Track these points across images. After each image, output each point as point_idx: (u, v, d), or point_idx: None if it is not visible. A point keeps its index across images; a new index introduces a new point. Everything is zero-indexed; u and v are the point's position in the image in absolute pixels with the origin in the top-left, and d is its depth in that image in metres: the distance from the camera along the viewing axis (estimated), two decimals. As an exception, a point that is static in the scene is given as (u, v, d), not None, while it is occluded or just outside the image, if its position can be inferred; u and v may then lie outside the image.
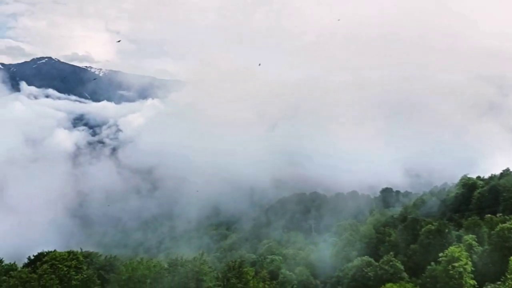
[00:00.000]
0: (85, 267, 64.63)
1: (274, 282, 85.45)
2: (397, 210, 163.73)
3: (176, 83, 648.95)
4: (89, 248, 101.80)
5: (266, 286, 67.74)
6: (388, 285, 70.92)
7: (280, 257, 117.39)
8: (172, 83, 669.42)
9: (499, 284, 63.35)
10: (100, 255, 78.41)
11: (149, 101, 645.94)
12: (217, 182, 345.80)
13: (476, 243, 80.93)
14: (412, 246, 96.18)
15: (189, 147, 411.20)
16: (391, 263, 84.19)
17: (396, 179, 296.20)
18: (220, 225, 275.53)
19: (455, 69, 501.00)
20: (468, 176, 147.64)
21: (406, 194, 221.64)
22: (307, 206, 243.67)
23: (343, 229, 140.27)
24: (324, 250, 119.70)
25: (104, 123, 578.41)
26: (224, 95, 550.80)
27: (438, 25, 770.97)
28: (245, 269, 66.46)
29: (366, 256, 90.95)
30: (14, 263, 70.59)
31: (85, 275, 61.01)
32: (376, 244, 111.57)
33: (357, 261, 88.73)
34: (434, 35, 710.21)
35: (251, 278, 64.83)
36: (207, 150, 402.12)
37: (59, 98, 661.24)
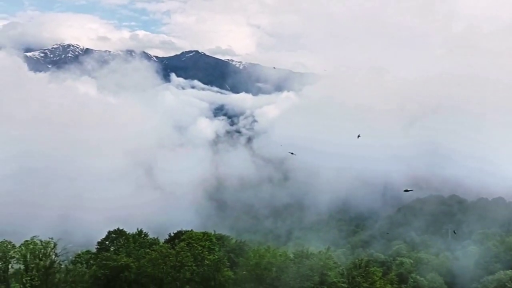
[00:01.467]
0: (217, 249, 69.16)
1: (403, 286, 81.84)
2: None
3: (311, 76, 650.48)
4: (223, 231, 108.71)
5: (394, 289, 65.25)
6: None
7: (411, 261, 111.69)
8: (307, 76, 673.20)
9: None
10: (232, 239, 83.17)
11: (284, 93, 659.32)
12: (349, 177, 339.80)
13: None
14: None
15: (322, 140, 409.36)
16: (540, 281, 74.81)
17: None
18: (350, 220, 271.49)
19: None
20: None
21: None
22: (445, 210, 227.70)
23: (486, 238, 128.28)
24: (462, 258, 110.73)
25: (241, 114, 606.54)
26: (360, 89, 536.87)
27: None
28: (372, 269, 64.83)
29: (510, 270, 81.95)
30: (157, 238, 78.64)
31: (216, 256, 65.24)
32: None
33: (499, 275, 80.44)
34: None
35: (378, 278, 63.04)
36: (340, 144, 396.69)
37: (203, 89, 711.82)
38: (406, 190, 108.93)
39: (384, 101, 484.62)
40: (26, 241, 63.67)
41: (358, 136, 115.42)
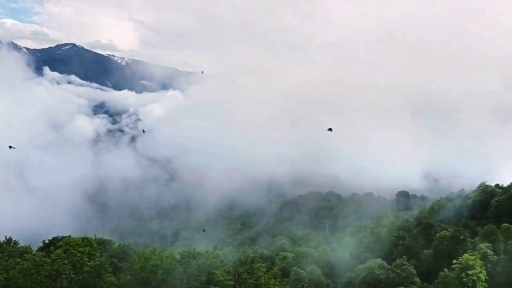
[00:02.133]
0: (98, 254, 65.61)
1: (286, 279, 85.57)
2: (412, 214, 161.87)
3: (198, 76, 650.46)
4: (105, 235, 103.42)
5: (277, 283, 67.74)
6: (400, 289, 70.52)
7: (293, 255, 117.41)
8: (193, 75, 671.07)
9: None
10: (114, 243, 79.46)
11: (170, 92, 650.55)
12: (235, 177, 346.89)
13: (492, 252, 79.58)
14: (425, 251, 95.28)
15: (208, 140, 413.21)
16: (403, 267, 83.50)
17: (414, 183, 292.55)
18: (236, 219, 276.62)
19: (480, 75, 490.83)
20: (487, 183, 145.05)
21: (423, 198, 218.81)
22: (323, 205, 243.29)
23: (358, 230, 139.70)
24: (337, 250, 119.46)
25: (124, 112, 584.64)
26: (245, 90, 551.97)
27: (464, 31, 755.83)
28: (257, 265, 66.55)
29: (378, 259, 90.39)
30: (29, 246, 72.07)
31: (97, 262, 61.87)
32: (390, 247, 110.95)
33: (369, 263, 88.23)
34: (461, 40, 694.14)
35: (262, 274, 64.89)
36: (226, 143, 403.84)
37: (81, 85, 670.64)
38: (329, 129, 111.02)
39: (269, 103, 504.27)
40: None
41: (330, 129, 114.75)
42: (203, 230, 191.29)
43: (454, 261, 70.66)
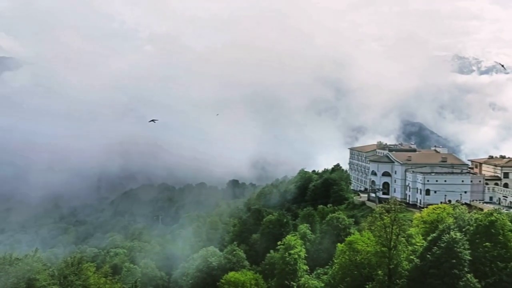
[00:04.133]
0: None
1: (117, 276, 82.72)
2: (243, 201, 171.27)
3: (12, 61, 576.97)
4: None
5: (108, 281, 65.23)
6: (231, 273, 73.92)
7: (125, 250, 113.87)
8: (7, 60, 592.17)
9: (327, 268, 70.78)
10: None
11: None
12: (61, 171, 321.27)
13: (310, 231, 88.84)
14: (254, 235, 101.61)
15: (26, 132, 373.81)
16: (234, 252, 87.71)
17: (244, 172, 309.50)
18: (62, 218, 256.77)
19: (301, 71, 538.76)
20: (305, 170, 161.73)
21: (252, 185, 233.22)
22: (155, 198, 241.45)
23: (191, 220, 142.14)
24: (172, 241, 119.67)
25: None
26: (67, 78, 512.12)
27: (290, 31, 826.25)
28: (85, 265, 63.04)
29: (211, 246, 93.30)
30: None
31: None
32: (222, 234, 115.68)
33: (202, 251, 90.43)
34: (287, 40, 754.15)
35: (91, 274, 61.76)
36: (50, 135, 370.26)
37: None
38: (152, 120, 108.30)
39: (94, 92, 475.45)
40: None
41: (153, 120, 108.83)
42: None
43: (279, 242, 77.05)
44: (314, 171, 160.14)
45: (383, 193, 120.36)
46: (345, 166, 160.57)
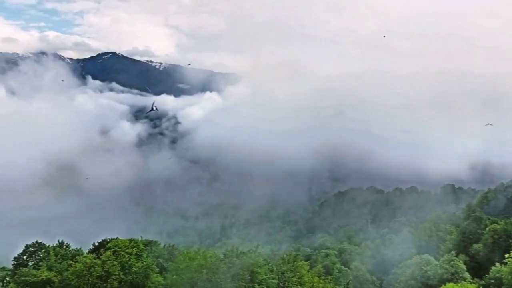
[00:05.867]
0: (145, 255, 67.32)
1: (330, 277, 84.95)
2: (459, 207, 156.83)
3: (233, 76, 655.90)
4: (152, 235, 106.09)
5: (321, 281, 67.41)
6: (449, 285, 68.27)
7: (335, 252, 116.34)
8: (229, 76, 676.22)
9: None
10: (159, 244, 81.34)
11: (207, 94, 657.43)
12: (276, 175, 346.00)
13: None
14: (475, 245, 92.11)
15: (247, 139, 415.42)
16: (452, 262, 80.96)
17: (462, 175, 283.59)
18: (277, 217, 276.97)
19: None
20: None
21: (470, 190, 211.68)
22: (364, 201, 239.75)
23: (401, 225, 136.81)
24: (381, 246, 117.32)
25: (163, 116, 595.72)
26: (280, 88, 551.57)
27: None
28: (300, 263, 66.44)
29: (425, 254, 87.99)
30: (80, 248, 74.90)
31: (145, 263, 63.52)
32: (437, 242, 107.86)
33: (416, 259, 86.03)
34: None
35: (305, 272, 64.73)
36: (264, 142, 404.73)
37: (122, 92, 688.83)
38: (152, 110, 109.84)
39: (304, 98, 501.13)
40: None
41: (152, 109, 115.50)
42: None
43: (507, 255, 67.92)
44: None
45: None
46: None
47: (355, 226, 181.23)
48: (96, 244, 76.81)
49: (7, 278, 66.43)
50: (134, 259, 62.96)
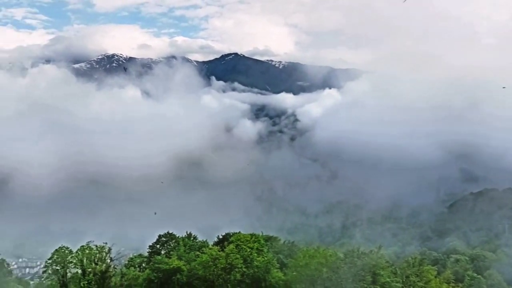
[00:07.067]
0: (265, 250, 69.06)
1: (460, 284, 78.81)
2: None
3: (353, 72, 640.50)
4: (273, 231, 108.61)
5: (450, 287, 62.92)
6: None
7: (467, 258, 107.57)
8: (349, 72, 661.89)
9: None
10: (279, 240, 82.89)
11: (326, 91, 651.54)
12: (400, 172, 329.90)
13: None
14: None
15: (368, 136, 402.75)
16: None
17: None
18: (401, 218, 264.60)
19: None
20: None
21: None
22: (500, 204, 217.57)
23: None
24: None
25: (283, 114, 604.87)
26: (404, 81, 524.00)
27: None
28: (426, 267, 62.82)
29: None
30: (206, 240, 79.56)
31: (266, 258, 65.18)
32: None
33: None
34: None
35: (432, 277, 60.99)
36: (387, 140, 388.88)
37: (243, 91, 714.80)
38: None
39: (431, 92, 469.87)
40: (82, 246, 66.41)
41: None
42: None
43: None
44: None
45: None
46: None
47: (491, 231, 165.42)
48: (220, 237, 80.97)
49: (143, 265, 73.23)
50: (256, 254, 65.01)
